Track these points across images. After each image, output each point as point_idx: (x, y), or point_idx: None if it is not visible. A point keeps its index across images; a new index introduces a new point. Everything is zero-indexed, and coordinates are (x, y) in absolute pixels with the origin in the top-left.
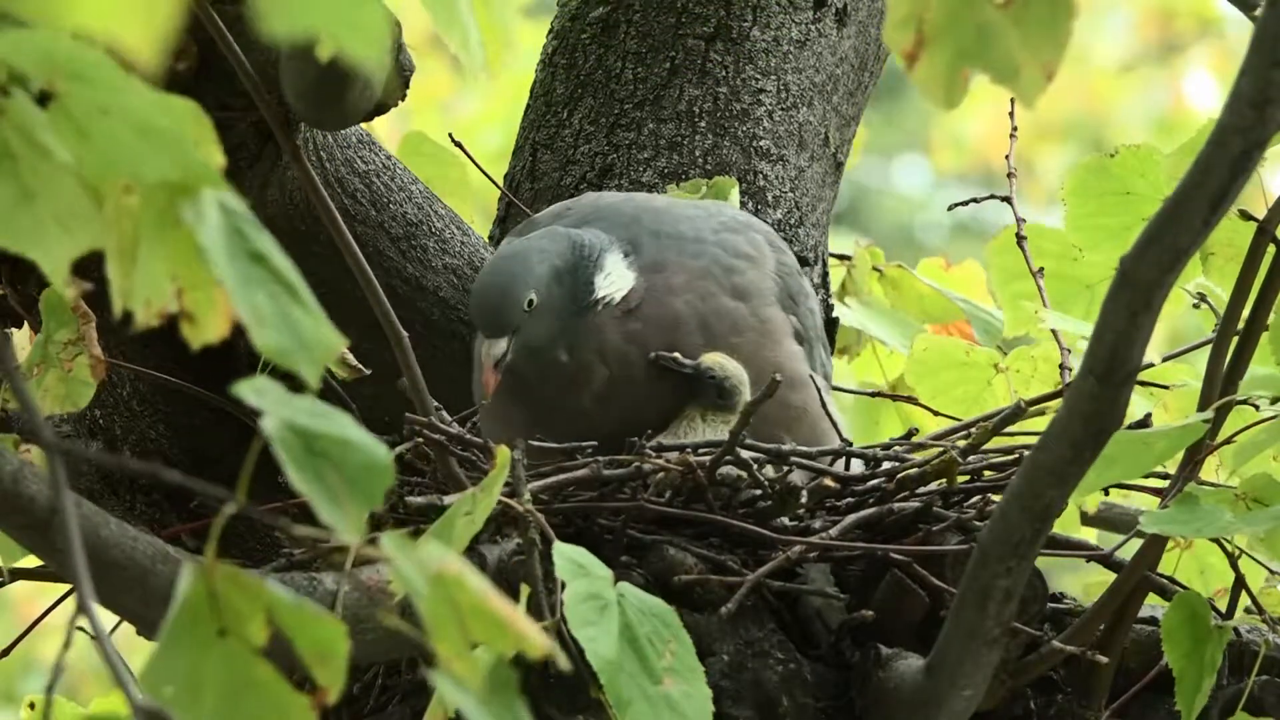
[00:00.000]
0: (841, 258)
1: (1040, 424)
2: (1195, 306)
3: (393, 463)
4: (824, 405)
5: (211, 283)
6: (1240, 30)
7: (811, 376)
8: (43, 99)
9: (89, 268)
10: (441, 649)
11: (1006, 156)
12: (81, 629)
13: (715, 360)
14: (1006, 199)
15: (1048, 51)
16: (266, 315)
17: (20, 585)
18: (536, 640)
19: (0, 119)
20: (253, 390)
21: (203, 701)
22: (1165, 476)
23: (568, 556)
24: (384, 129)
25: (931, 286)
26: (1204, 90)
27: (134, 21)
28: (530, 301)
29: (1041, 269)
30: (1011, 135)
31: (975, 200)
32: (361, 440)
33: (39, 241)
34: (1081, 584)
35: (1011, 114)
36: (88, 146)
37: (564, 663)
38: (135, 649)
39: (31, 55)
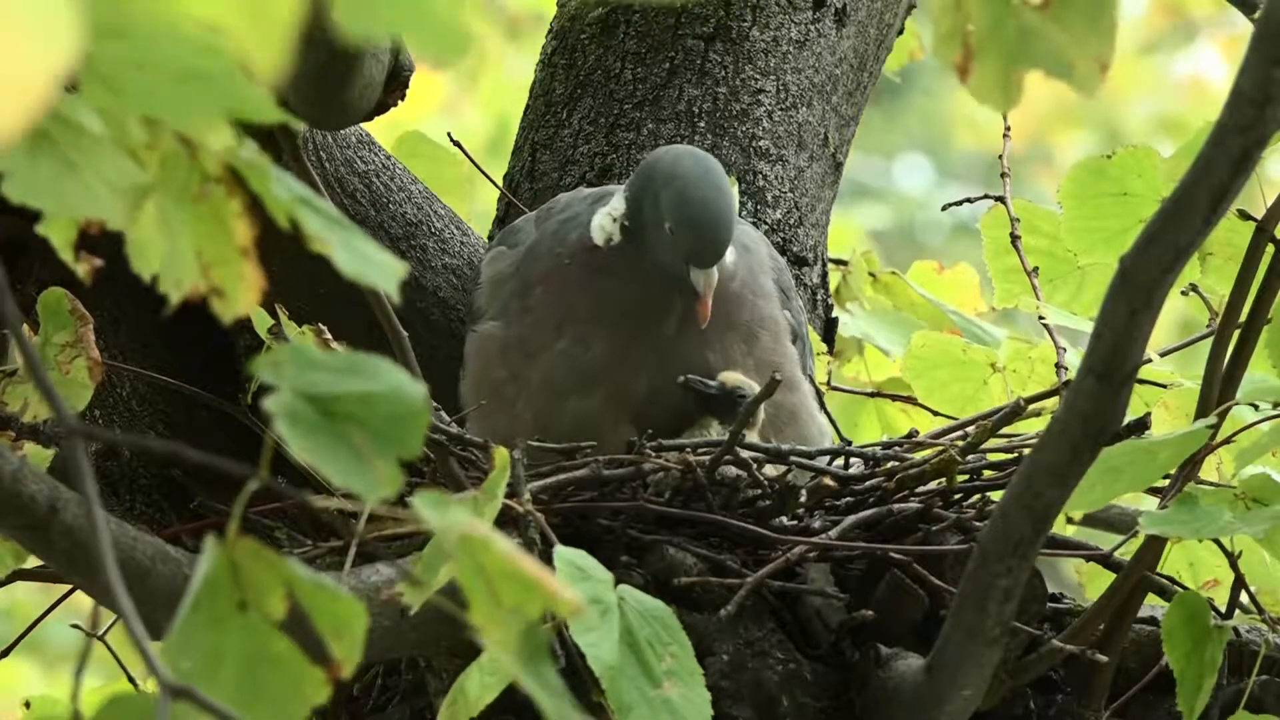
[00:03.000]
0: (838, 262)
1: (1037, 424)
2: (1184, 294)
3: (427, 402)
4: (822, 407)
5: (239, 255)
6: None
7: (811, 379)
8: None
9: (96, 247)
10: (476, 613)
11: (1000, 156)
12: (78, 626)
13: (737, 380)
14: (1000, 199)
15: (1096, 44)
16: (335, 241)
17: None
18: (567, 599)
19: None
20: (269, 363)
21: (222, 674)
22: (1165, 476)
23: (568, 560)
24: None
25: (923, 295)
26: (1218, 71)
27: (255, 23)
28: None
29: (1036, 268)
30: (1005, 135)
31: (970, 200)
32: (391, 388)
33: (93, 204)
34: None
35: (1005, 114)
36: (122, 102)
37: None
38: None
39: None
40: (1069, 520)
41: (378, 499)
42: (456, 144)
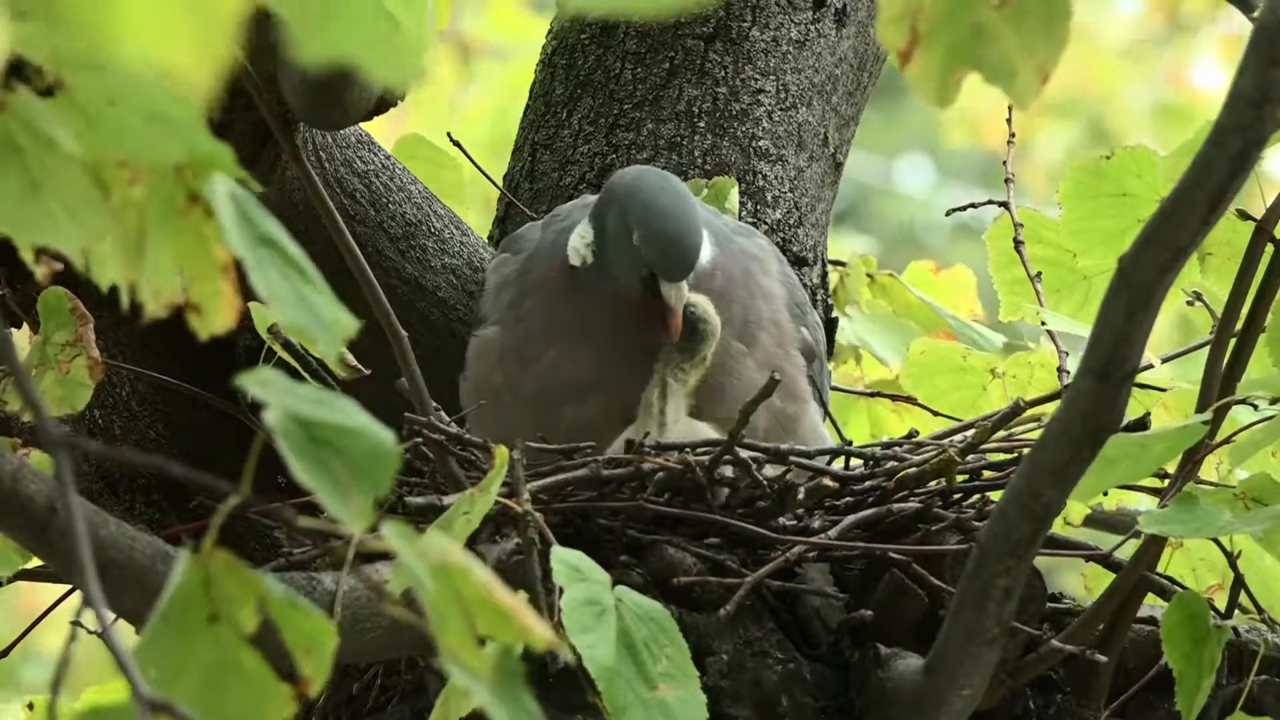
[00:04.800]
0: (835, 264)
1: (1038, 433)
2: (1189, 304)
3: (398, 449)
4: (826, 419)
5: (218, 273)
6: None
7: (823, 402)
8: (50, 89)
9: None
10: (447, 641)
11: (1004, 162)
12: (78, 623)
13: (697, 298)
14: (1004, 204)
15: (1044, 53)
16: (283, 295)
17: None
18: (540, 632)
19: (4, 113)
20: (256, 382)
21: (186, 684)
22: (1164, 476)
23: (565, 561)
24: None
25: (920, 298)
26: (1210, 74)
27: (188, 46)
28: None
29: (1039, 274)
30: (1009, 141)
31: (974, 205)
32: (366, 427)
33: (50, 231)
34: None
35: (1009, 120)
36: (96, 133)
37: (569, 655)
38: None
39: (41, 48)
40: (1066, 523)
41: (355, 528)
42: (456, 144)
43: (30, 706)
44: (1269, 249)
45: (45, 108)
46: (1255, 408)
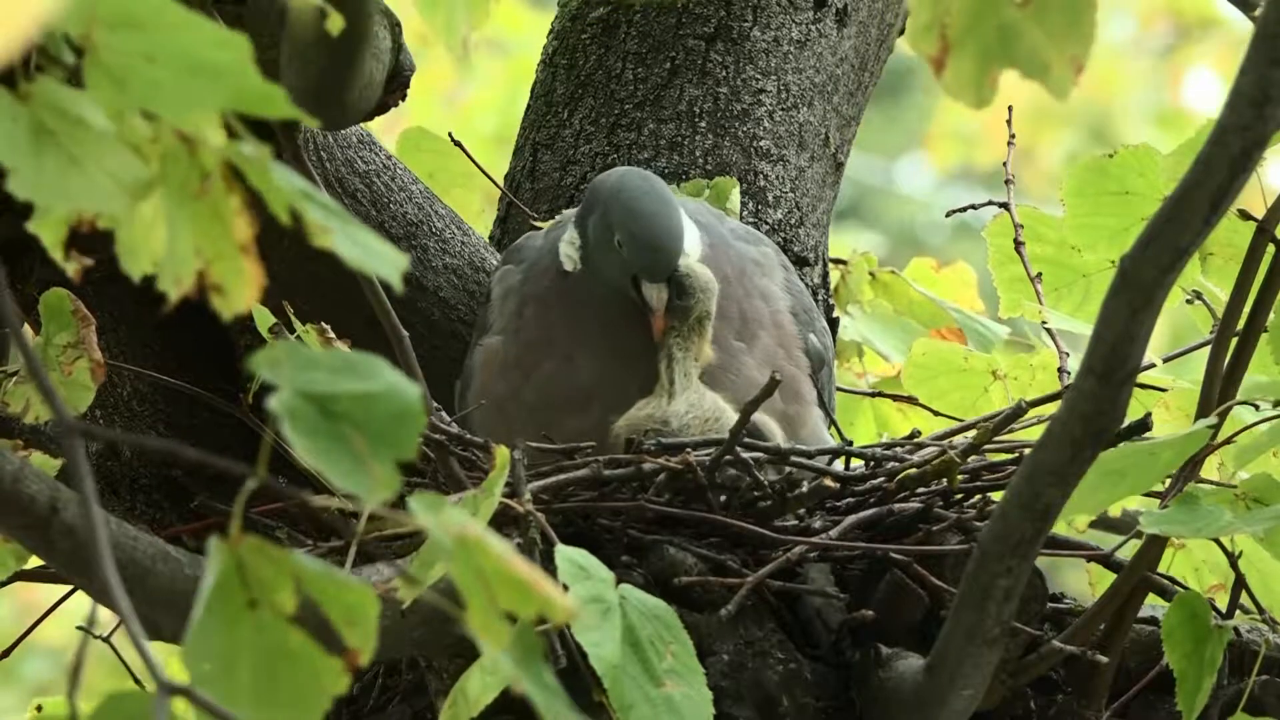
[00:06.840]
0: (837, 262)
1: (1038, 433)
2: (1189, 302)
3: (423, 404)
4: (829, 424)
5: (239, 251)
6: (1242, 28)
7: (827, 410)
8: (77, 55)
9: (97, 246)
10: (474, 614)
11: (1005, 164)
12: (82, 628)
13: (687, 263)
14: (1004, 205)
15: (1074, 45)
16: (336, 231)
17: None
18: (561, 603)
19: (30, 102)
20: (268, 361)
21: (239, 673)
22: (1165, 477)
23: (570, 559)
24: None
25: (923, 294)
26: (1206, 87)
27: None
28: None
29: (1039, 274)
30: (1010, 142)
31: (974, 206)
32: (387, 388)
33: (97, 196)
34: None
35: (1009, 121)
36: (124, 96)
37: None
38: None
39: (75, 11)
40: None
41: (376, 501)
42: (457, 144)
43: (39, 709)
44: (1270, 249)
45: (69, 91)
46: (1256, 408)
